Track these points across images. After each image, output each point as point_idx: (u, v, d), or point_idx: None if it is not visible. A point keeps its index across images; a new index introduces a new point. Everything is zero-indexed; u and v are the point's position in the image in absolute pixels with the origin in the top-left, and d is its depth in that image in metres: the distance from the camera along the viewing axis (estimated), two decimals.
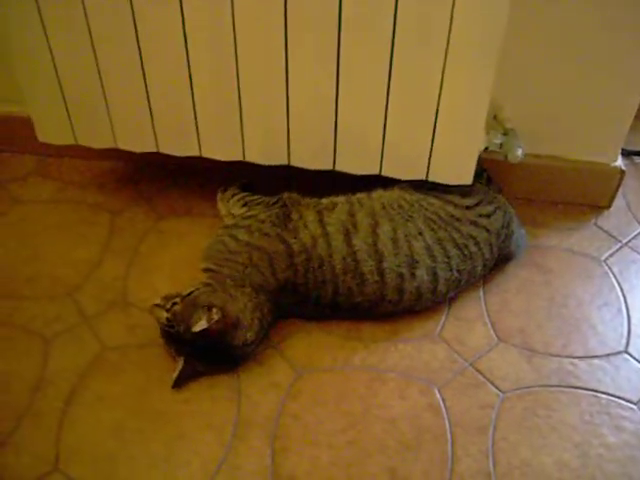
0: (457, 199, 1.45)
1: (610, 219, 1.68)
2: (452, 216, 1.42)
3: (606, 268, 1.55)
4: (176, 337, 1.26)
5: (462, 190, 1.46)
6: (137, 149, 1.53)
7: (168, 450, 1.18)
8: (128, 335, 1.37)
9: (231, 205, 1.55)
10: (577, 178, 1.66)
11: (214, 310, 1.23)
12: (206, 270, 1.38)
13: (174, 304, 1.27)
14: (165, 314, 1.26)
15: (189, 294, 1.29)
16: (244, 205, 1.52)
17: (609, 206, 1.71)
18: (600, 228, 1.65)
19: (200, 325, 1.22)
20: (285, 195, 1.47)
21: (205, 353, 1.27)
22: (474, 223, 1.42)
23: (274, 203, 1.47)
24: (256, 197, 1.52)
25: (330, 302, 1.36)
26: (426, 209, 1.42)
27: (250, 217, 1.44)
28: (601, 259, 1.57)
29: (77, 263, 1.53)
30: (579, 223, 1.66)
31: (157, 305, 1.28)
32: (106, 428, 1.22)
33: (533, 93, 1.53)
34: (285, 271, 1.34)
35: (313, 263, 1.33)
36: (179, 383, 1.27)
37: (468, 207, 1.44)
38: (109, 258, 1.55)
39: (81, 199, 1.70)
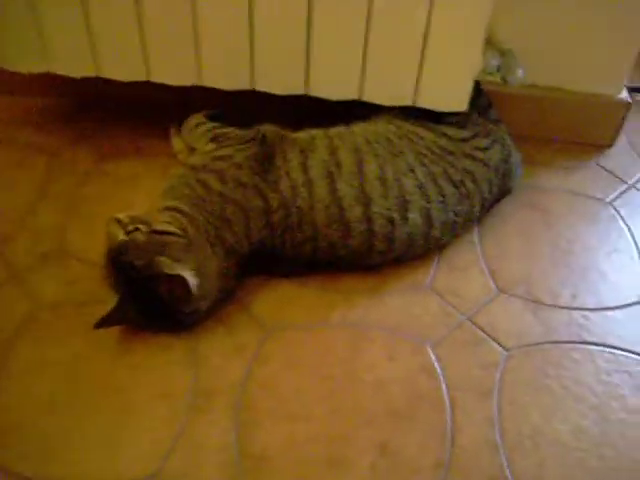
0: (451, 131, 1.29)
1: (613, 158, 1.55)
2: (446, 149, 1.26)
3: (612, 211, 1.41)
4: (120, 268, 1.08)
5: (456, 120, 1.31)
6: (74, 73, 1.34)
7: (113, 426, 1.04)
8: (65, 291, 1.21)
9: (195, 137, 1.35)
10: (578, 112, 1.53)
11: (194, 273, 1.07)
12: (171, 209, 1.17)
13: (136, 229, 1.09)
14: (122, 236, 1.08)
15: (161, 232, 1.10)
16: (213, 139, 1.31)
17: (611, 144, 1.57)
18: (603, 168, 1.52)
19: (187, 276, 1.05)
20: (263, 127, 1.27)
21: (144, 302, 1.09)
22: (470, 157, 1.27)
23: (251, 139, 1.26)
24: (228, 129, 1.31)
25: (308, 260, 1.20)
26: (416, 142, 1.26)
27: (223, 158, 1.23)
28: (606, 201, 1.44)
29: (7, 211, 1.35)
30: (580, 162, 1.53)
31: (118, 220, 1.10)
32: (38, 403, 1.06)
33: (531, 15, 1.39)
34: (260, 232, 1.16)
35: (292, 220, 1.16)
36: (103, 325, 1.10)
37: (463, 140, 1.29)
38: (45, 205, 1.37)
39: (13, 139, 1.51)
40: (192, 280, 1.05)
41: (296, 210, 1.16)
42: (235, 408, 1.06)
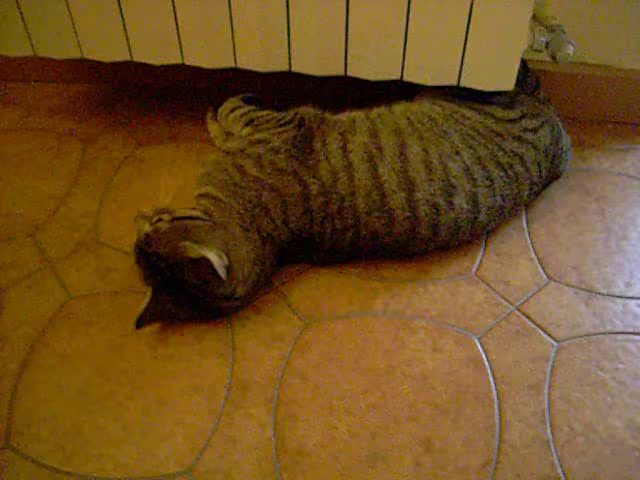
0: (498, 111, 1.22)
1: None
2: (493, 131, 1.19)
3: None
4: (149, 260, 1.05)
5: (503, 100, 1.24)
6: (106, 58, 1.31)
7: (146, 419, 1.01)
8: (99, 281, 1.18)
9: (231, 121, 1.30)
10: (630, 91, 1.45)
11: (222, 253, 1.03)
12: (204, 196, 1.14)
13: (160, 220, 1.06)
14: (147, 228, 1.05)
15: (183, 218, 1.07)
16: (249, 123, 1.26)
17: None
18: None
19: (213, 259, 1.00)
20: (301, 109, 1.22)
21: (177, 291, 1.06)
22: (519, 139, 1.20)
23: (288, 122, 1.21)
24: (264, 112, 1.26)
25: (349, 248, 1.15)
26: (462, 123, 1.19)
27: (260, 142, 1.18)
28: None
29: (41, 199, 1.33)
30: (633, 144, 1.45)
31: (144, 216, 1.08)
32: (70, 394, 1.04)
33: None
34: (299, 219, 1.12)
35: (332, 207, 1.11)
36: (143, 322, 1.06)
37: (511, 120, 1.22)
38: (79, 192, 1.34)
39: (48, 127, 1.49)
40: (218, 261, 1.01)
41: (336, 196, 1.11)
42: (272, 401, 1.02)
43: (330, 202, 1.11)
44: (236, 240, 1.07)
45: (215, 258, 1.00)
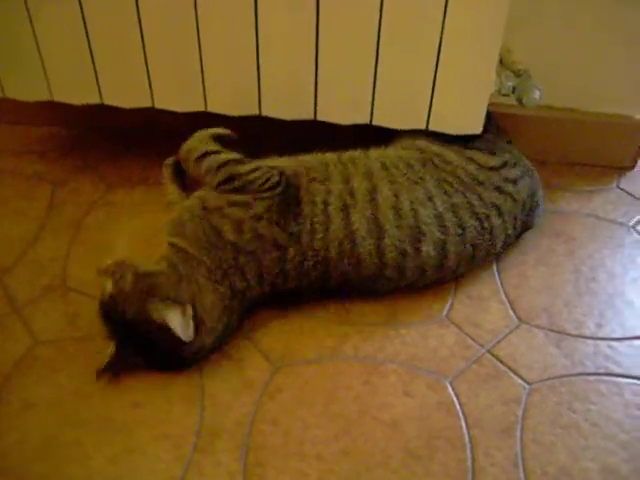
0: (480, 157, 1.22)
1: (635, 181, 1.49)
2: (474, 178, 1.19)
3: (636, 235, 1.35)
4: (115, 317, 1.04)
5: (485, 146, 1.24)
6: (76, 101, 1.30)
7: (113, 468, 0.98)
8: (66, 326, 1.17)
9: (204, 170, 1.18)
10: (597, 134, 1.48)
11: (188, 308, 1.02)
12: (174, 246, 1.11)
13: (121, 277, 1.04)
14: (110, 287, 1.04)
15: (147, 274, 1.05)
16: (229, 179, 1.15)
17: (633, 166, 1.51)
18: (624, 191, 1.46)
19: (176, 324, 1.00)
20: (286, 174, 1.16)
21: (145, 345, 1.04)
22: (499, 189, 1.19)
23: (274, 186, 1.13)
24: (246, 167, 1.16)
25: (318, 289, 1.15)
26: (442, 169, 1.19)
27: (240, 205, 1.12)
28: (629, 225, 1.37)
29: (8, 242, 1.31)
30: (600, 186, 1.47)
31: (105, 271, 1.06)
32: (35, 443, 1.01)
33: (547, 35, 1.35)
34: (275, 279, 1.11)
35: (307, 263, 1.11)
36: (106, 371, 1.06)
37: (492, 168, 1.21)
38: (47, 235, 1.33)
39: (17, 169, 1.48)
40: (180, 323, 1.00)
41: (312, 253, 1.10)
42: (242, 448, 1.00)
43: (306, 259, 1.11)
44: (202, 291, 1.05)
45: (178, 320, 1.00)
